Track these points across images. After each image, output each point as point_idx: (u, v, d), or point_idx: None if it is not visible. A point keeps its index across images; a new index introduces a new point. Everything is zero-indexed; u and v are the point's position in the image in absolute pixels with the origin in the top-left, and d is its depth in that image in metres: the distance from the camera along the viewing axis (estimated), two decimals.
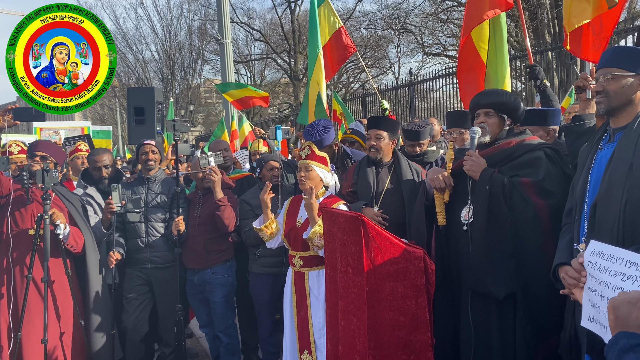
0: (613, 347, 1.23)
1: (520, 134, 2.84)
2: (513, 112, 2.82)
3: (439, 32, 21.49)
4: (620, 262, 1.46)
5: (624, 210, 1.99)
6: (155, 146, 4.13)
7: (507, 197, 2.59)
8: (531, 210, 2.55)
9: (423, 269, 2.66)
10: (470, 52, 3.98)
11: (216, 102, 32.04)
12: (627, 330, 1.24)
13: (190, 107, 23.14)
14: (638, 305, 1.25)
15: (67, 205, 3.59)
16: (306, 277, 3.33)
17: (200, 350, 4.96)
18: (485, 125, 2.79)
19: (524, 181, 2.60)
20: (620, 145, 2.07)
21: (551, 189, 2.57)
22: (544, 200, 2.56)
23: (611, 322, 1.29)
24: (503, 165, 2.72)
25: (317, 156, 3.37)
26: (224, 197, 3.86)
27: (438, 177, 2.82)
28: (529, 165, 2.66)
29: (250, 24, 26.17)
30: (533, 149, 2.71)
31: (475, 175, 2.69)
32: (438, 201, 2.84)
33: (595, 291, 1.53)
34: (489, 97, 2.86)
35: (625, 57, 2.08)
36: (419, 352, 2.67)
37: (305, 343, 3.30)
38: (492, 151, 2.79)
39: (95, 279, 3.58)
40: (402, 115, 11.59)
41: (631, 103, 2.09)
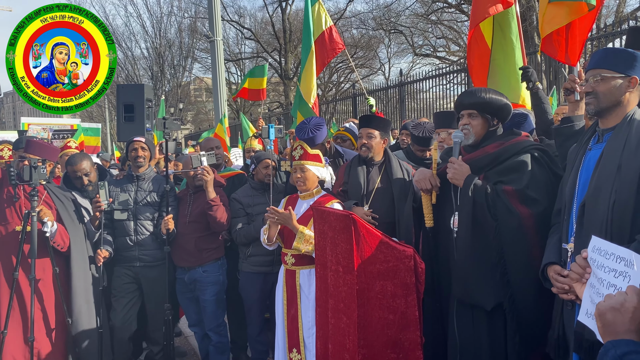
0: (604, 358, 1.24)
1: (507, 135, 2.76)
2: (499, 112, 2.73)
3: (429, 34, 21.63)
4: (613, 259, 1.46)
5: (612, 210, 2.01)
6: (145, 143, 4.10)
7: (490, 206, 2.54)
8: (515, 219, 2.50)
9: (413, 267, 2.67)
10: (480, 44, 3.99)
11: (206, 100, 31.88)
12: (615, 338, 1.25)
13: (180, 105, 23.00)
14: (622, 310, 1.26)
15: (56, 203, 3.55)
16: (297, 275, 3.33)
17: (189, 349, 4.93)
18: (469, 127, 2.71)
19: (507, 189, 2.54)
20: (609, 146, 2.09)
21: (535, 197, 2.51)
22: (528, 208, 2.51)
23: (599, 329, 1.30)
24: (489, 170, 2.66)
25: (310, 155, 3.38)
26: (216, 196, 3.84)
27: (424, 178, 2.79)
28: (514, 170, 2.59)
29: (241, 23, 26.10)
30: (519, 152, 2.63)
31: (459, 183, 2.64)
32: (425, 203, 2.82)
33: (594, 287, 1.53)
34: (472, 97, 2.73)
35: (615, 59, 2.10)
36: (408, 350, 2.68)
37: (295, 342, 3.30)
38: (477, 155, 2.71)
39: (80, 277, 3.53)
40: (392, 115, 11.63)
41: (620, 104, 2.10)
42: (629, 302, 1.27)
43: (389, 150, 3.59)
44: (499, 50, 3.93)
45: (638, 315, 1.25)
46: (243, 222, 3.96)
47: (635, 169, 1.98)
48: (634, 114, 2.09)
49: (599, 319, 1.30)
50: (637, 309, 1.25)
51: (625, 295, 1.28)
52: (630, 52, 2.11)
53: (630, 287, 1.31)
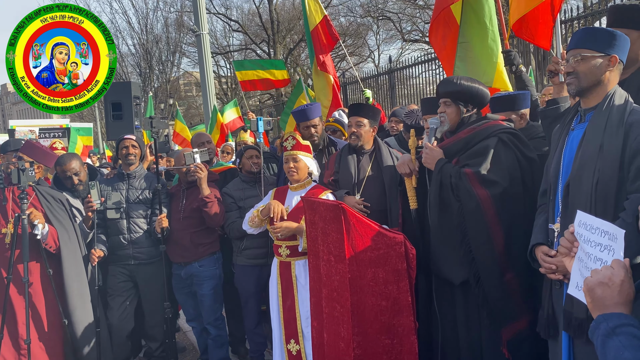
0: (596, 332, 1.27)
1: (478, 121, 2.85)
2: (472, 99, 2.83)
3: (417, 19, 21.51)
4: (598, 233, 1.49)
5: (596, 189, 2.03)
6: (135, 141, 4.09)
7: (454, 188, 2.68)
8: (474, 201, 2.62)
9: (404, 253, 2.70)
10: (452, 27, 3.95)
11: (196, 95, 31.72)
12: (605, 312, 1.27)
13: (169, 100, 22.87)
14: (610, 284, 1.28)
15: (43, 204, 3.54)
16: (293, 266, 3.34)
17: (188, 344, 4.96)
18: (444, 114, 2.85)
19: (467, 172, 2.67)
20: (591, 125, 2.11)
21: (494, 179, 2.62)
22: (486, 190, 2.62)
23: (589, 304, 1.32)
24: (462, 155, 2.78)
25: (302, 145, 3.40)
26: (210, 193, 3.84)
27: (403, 163, 2.96)
28: (479, 154, 2.71)
29: (227, 15, 25.88)
30: (487, 136, 2.73)
31: (431, 167, 2.80)
32: (408, 186, 2.98)
33: (582, 261, 1.56)
34: (445, 86, 2.87)
35: (594, 38, 2.11)
36: (402, 335, 2.71)
37: (292, 332, 3.33)
38: (450, 141, 2.85)
39: (73, 278, 3.54)
40: (383, 102, 11.61)
41: (600, 83, 2.12)
42: (616, 275, 1.29)
43: (378, 138, 3.60)
44: (469, 33, 3.89)
45: (625, 288, 1.28)
46: (236, 215, 3.96)
47: (616, 148, 2.00)
48: (615, 93, 2.11)
49: (588, 295, 1.32)
50: (624, 282, 1.28)
51: (612, 270, 1.30)
52: (609, 31, 2.12)
53: (615, 261, 1.34)
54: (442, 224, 2.74)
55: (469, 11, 3.86)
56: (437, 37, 4.09)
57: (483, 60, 3.82)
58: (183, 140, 8.35)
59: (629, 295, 1.28)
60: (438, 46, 4.13)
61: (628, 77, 2.40)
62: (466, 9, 3.87)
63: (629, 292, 1.28)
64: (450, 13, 3.90)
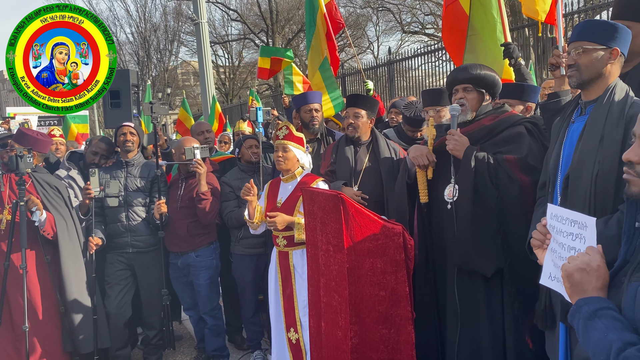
0: (577, 315, 1.30)
1: (499, 108, 2.84)
2: (491, 86, 2.81)
3: (417, 10, 21.42)
4: (568, 223, 1.54)
5: (595, 181, 2.04)
6: (134, 128, 4.08)
7: (492, 175, 2.60)
8: (516, 186, 2.58)
9: (402, 244, 2.70)
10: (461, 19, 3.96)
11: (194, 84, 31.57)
12: (584, 296, 1.31)
13: (167, 90, 22.78)
14: (588, 269, 1.33)
15: (39, 191, 3.53)
16: (290, 256, 3.35)
17: (185, 332, 4.98)
18: (464, 101, 2.78)
19: (508, 158, 2.62)
20: (592, 118, 2.11)
21: (534, 165, 2.59)
22: (527, 176, 2.58)
23: (567, 289, 1.37)
24: (485, 142, 2.73)
25: (295, 137, 3.38)
26: (207, 190, 3.84)
27: (421, 154, 2.82)
28: (511, 141, 2.67)
29: (226, 4, 25.72)
30: (514, 124, 2.71)
31: (459, 155, 2.67)
32: (421, 179, 2.85)
33: (555, 252, 1.61)
34: (467, 72, 2.81)
35: (596, 31, 2.10)
36: (399, 325, 2.72)
37: (292, 321, 3.34)
38: (473, 128, 2.78)
39: (70, 265, 3.53)
40: (382, 94, 11.58)
41: (602, 76, 2.11)
42: (593, 261, 1.34)
43: (375, 129, 3.60)
44: (478, 26, 3.90)
45: (602, 273, 1.33)
46: (234, 205, 3.96)
47: (617, 141, 2.00)
48: (616, 86, 2.10)
49: (566, 280, 1.36)
50: (600, 267, 1.33)
51: (588, 256, 1.35)
52: (610, 23, 2.11)
53: (590, 248, 1.39)
54: (474, 213, 2.61)
55: (477, 4, 3.87)
56: (447, 31, 4.10)
57: (493, 51, 3.83)
58: (186, 129, 8.31)
59: (605, 280, 1.33)
60: (448, 40, 4.14)
61: (630, 70, 2.40)
62: (474, 2, 3.88)
63: (605, 277, 1.33)
64: (459, 5, 3.91)
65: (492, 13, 3.81)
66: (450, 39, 4.08)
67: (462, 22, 3.96)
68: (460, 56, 4.00)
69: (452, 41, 4.07)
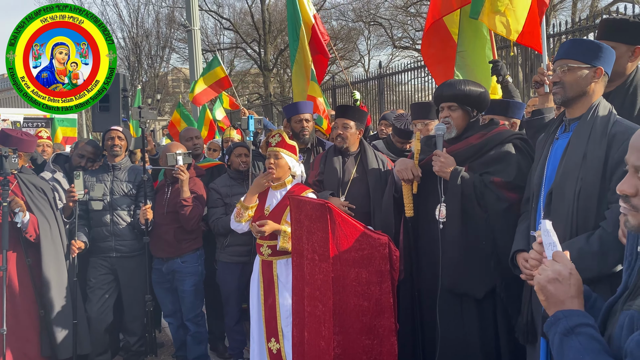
0: (553, 328, 1.24)
1: (488, 126, 2.79)
2: (478, 103, 2.75)
3: (408, 26, 21.69)
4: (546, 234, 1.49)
5: (578, 198, 2.07)
6: (122, 132, 4.07)
7: (479, 197, 2.57)
8: (505, 204, 2.54)
9: (388, 255, 2.71)
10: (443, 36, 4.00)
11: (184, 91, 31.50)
12: (561, 308, 1.25)
13: (157, 95, 22.68)
14: (561, 278, 1.26)
15: (24, 193, 3.49)
16: (274, 265, 3.34)
17: (166, 339, 4.92)
18: (450, 119, 2.73)
19: (495, 181, 2.58)
20: (575, 135, 2.15)
21: (522, 185, 2.55)
22: (516, 194, 2.56)
23: (543, 302, 1.30)
24: (473, 161, 2.69)
25: (287, 144, 3.38)
26: (190, 196, 3.82)
27: (406, 168, 2.78)
28: (499, 160, 2.63)
29: (219, 13, 25.79)
30: (502, 142, 2.66)
31: (446, 176, 2.65)
32: (406, 192, 2.82)
33: None
34: (451, 89, 2.74)
35: (581, 50, 2.15)
36: (382, 336, 2.72)
37: (273, 331, 3.32)
38: (461, 147, 2.73)
39: (51, 268, 3.48)
40: (371, 107, 11.67)
41: (586, 94, 2.16)
42: (565, 269, 1.27)
43: (364, 140, 3.62)
44: (467, 43, 3.95)
45: (575, 281, 1.26)
46: (221, 212, 3.95)
47: (599, 158, 2.04)
48: (599, 104, 2.15)
49: (540, 293, 1.29)
50: (572, 274, 1.27)
51: (559, 264, 1.28)
52: (596, 43, 2.17)
53: (557, 255, 1.32)
54: (463, 235, 2.58)
55: (465, 21, 3.92)
56: (428, 48, 4.14)
57: (481, 68, 3.88)
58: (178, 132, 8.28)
59: (579, 286, 1.27)
60: (427, 55, 4.18)
61: (613, 90, 2.45)
62: (463, 19, 3.93)
63: (579, 283, 1.27)
64: (443, 24, 3.96)
65: (481, 30, 3.87)
66: (432, 54, 4.12)
67: (446, 41, 4.01)
68: (443, 74, 4.05)
69: (434, 57, 4.11)
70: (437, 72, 4.14)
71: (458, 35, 3.94)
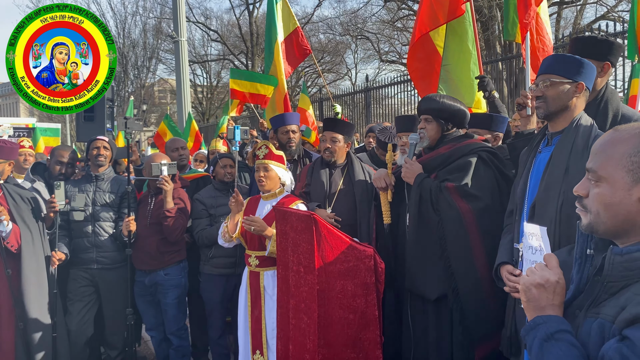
0: (531, 332, 1.25)
1: (459, 138, 2.90)
2: (453, 117, 2.87)
3: (395, 40, 21.94)
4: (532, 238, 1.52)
5: (560, 210, 2.10)
6: (107, 143, 4.03)
7: (434, 202, 2.70)
8: (455, 213, 2.65)
9: (373, 267, 2.71)
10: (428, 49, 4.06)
11: (170, 102, 31.41)
12: (541, 313, 1.26)
13: (143, 106, 22.59)
14: (547, 285, 1.27)
15: (9, 202, 3.43)
16: (261, 276, 3.32)
17: (149, 353, 4.83)
18: (424, 131, 2.88)
19: (448, 186, 2.70)
20: (557, 149, 2.19)
21: (476, 193, 2.67)
22: (468, 204, 2.65)
23: (524, 304, 1.31)
24: (440, 170, 2.82)
25: (275, 155, 3.39)
26: (173, 207, 3.79)
27: (379, 177, 2.96)
28: (460, 169, 2.75)
29: (207, 24, 25.87)
30: (468, 153, 2.77)
31: (410, 181, 2.81)
32: (383, 200, 2.97)
33: None
34: (427, 103, 2.91)
35: (563, 65, 2.20)
36: (367, 349, 2.71)
37: (258, 343, 3.29)
38: (431, 156, 2.88)
39: (31, 280, 3.41)
40: (358, 120, 11.74)
41: (568, 109, 2.20)
42: (553, 276, 1.27)
43: (351, 153, 3.64)
44: (452, 57, 4.01)
45: (560, 290, 1.27)
46: (205, 223, 3.92)
47: (581, 171, 2.04)
48: (581, 119, 2.19)
49: (524, 294, 1.30)
50: (559, 282, 1.27)
51: (549, 271, 1.29)
52: (577, 59, 2.21)
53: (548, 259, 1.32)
54: (420, 238, 2.73)
55: (451, 35, 3.98)
56: (414, 61, 4.19)
57: (465, 82, 3.93)
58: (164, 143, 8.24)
59: (562, 296, 1.28)
60: (413, 69, 4.23)
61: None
62: (449, 33, 3.99)
63: (562, 292, 1.28)
64: (429, 39, 4.01)
65: (467, 45, 3.93)
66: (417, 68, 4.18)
67: (431, 55, 4.06)
68: (424, 86, 4.11)
69: (419, 71, 4.17)
70: (421, 86, 4.19)
71: (443, 49, 4.00)
